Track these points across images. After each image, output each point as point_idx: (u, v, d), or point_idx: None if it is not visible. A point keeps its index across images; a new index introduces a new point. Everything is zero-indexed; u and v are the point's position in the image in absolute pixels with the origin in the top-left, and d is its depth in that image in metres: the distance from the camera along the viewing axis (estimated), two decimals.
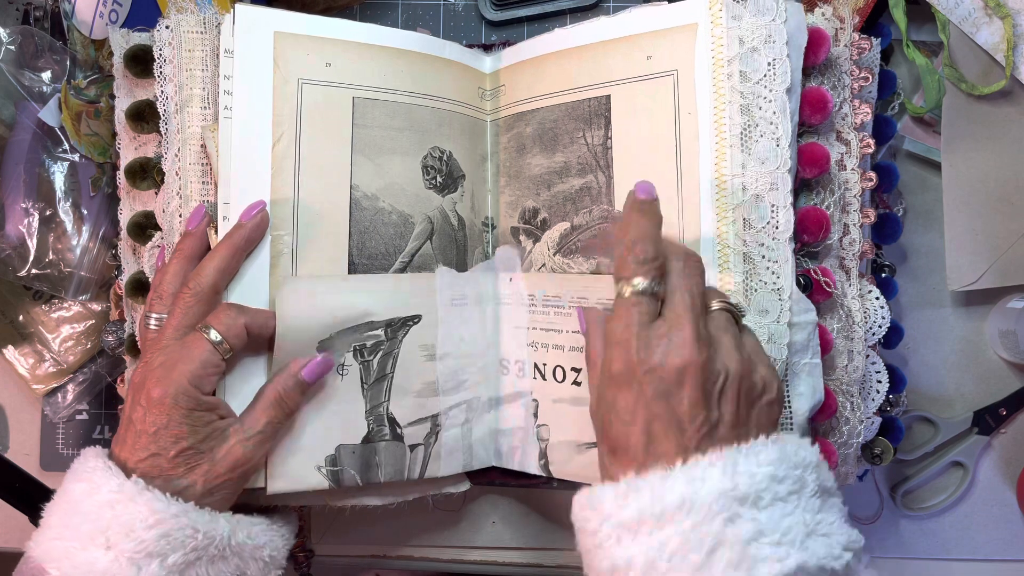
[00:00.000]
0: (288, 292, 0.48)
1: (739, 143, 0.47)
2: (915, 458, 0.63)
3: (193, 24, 0.50)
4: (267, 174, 0.49)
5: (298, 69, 0.50)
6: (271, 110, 0.49)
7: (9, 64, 0.58)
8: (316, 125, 0.50)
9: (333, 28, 0.51)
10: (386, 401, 0.51)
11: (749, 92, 0.47)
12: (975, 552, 0.62)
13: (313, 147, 0.50)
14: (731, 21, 0.47)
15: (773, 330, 0.47)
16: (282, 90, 0.49)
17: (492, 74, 0.57)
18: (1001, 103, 0.59)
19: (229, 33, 0.49)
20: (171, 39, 0.50)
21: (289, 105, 0.49)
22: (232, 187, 0.48)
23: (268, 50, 0.49)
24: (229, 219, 0.48)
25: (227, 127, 0.48)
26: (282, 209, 0.49)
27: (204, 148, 0.50)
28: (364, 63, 0.52)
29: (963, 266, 0.60)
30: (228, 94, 0.48)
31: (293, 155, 0.49)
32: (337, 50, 0.51)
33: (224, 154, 0.48)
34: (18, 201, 0.58)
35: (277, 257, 0.49)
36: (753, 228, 0.47)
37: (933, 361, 0.63)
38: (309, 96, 0.50)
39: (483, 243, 0.56)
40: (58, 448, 0.63)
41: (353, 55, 0.51)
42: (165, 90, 0.51)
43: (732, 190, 0.47)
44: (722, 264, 0.47)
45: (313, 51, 0.50)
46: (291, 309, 0.48)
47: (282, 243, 0.49)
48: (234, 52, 0.49)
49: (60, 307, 0.62)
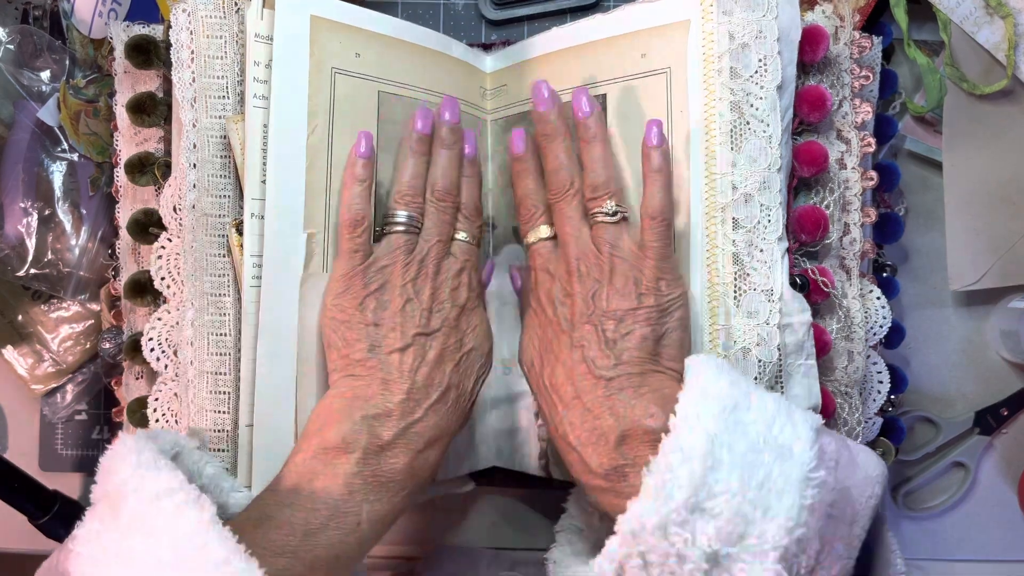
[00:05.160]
0: (310, 289, 0.47)
1: (729, 141, 0.46)
2: (916, 458, 0.62)
3: (212, 9, 0.48)
4: (302, 167, 0.47)
5: (331, 57, 0.48)
6: (307, 99, 0.47)
7: (8, 63, 0.58)
8: (346, 118, 0.48)
9: (362, 17, 0.49)
10: None
11: (740, 89, 0.46)
12: (976, 553, 0.62)
13: (343, 141, 0.48)
14: (722, 16, 0.46)
15: (763, 332, 0.46)
16: (316, 79, 0.47)
17: (492, 73, 0.56)
18: (1002, 103, 0.59)
19: (258, 17, 0.47)
20: (189, 24, 0.48)
21: (323, 95, 0.47)
22: (269, 180, 0.46)
23: (305, 35, 0.47)
24: (261, 215, 0.46)
25: (256, 117, 0.46)
26: (315, 205, 0.47)
27: (223, 140, 0.48)
28: (388, 56, 0.50)
29: (965, 266, 0.60)
30: (260, 82, 0.46)
31: (326, 148, 0.47)
32: (365, 40, 0.49)
33: (252, 146, 0.46)
34: (17, 201, 0.58)
35: (310, 257, 0.47)
36: (742, 228, 0.46)
37: (935, 361, 0.63)
38: (341, 87, 0.48)
39: (483, 243, 0.56)
40: (57, 448, 0.63)
41: (378, 47, 0.50)
42: (182, 76, 0.48)
43: (721, 189, 0.46)
44: (711, 264, 0.46)
45: (345, 40, 0.49)
46: (313, 309, 0.47)
47: (314, 241, 0.47)
48: (273, 36, 0.46)
49: (59, 307, 0.62)
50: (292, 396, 0.47)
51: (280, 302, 0.46)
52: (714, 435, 0.36)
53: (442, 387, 0.45)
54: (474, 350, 0.47)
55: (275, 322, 0.46)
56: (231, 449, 0.47)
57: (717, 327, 0.46)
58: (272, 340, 0.46)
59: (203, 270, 0.48)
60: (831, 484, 0.37)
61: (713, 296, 0.46)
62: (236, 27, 0.48)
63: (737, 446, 0.36)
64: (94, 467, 0.39)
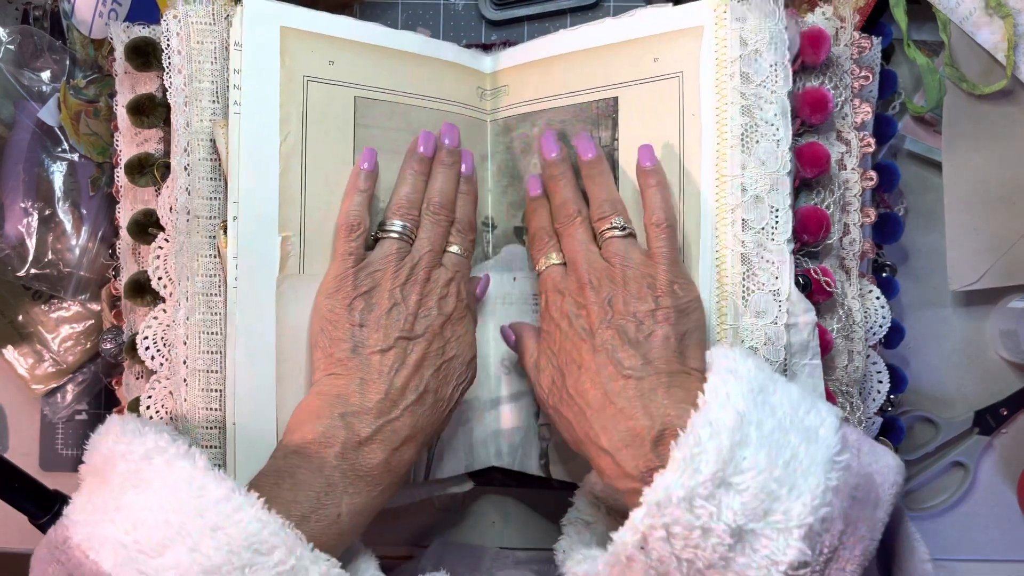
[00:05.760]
0: (288, 290, 0.48)
1: (739, 144, 0.47)
2: (916, 458, 0.62)
3: (202, 15, 0.49)
4: (275, 173, 0.48)
5: (303, 66, 0.49)
6: (278, 107, 0.48)
7: (8, 64, 0.58)
8: (320, 124, 0.49)
9: (335, 26, 0.50)
10: None
11: (751, 94, 0.47)
12: (976, 552, 0.62)
13: (318, 147, 0.49)
14: (735, 23, 0.47)
15: (770, 332, 0.46)
16: (288, 87, 0.49)
17: (493, 74, 0.56)
18: (1002, 103, 0.59)
19: (239, 25, 0.48)
20: (179, 29, 0.49)
21: (295, 103, 0.49)
22: (241, 185, 0.47)
23: (275, 45, 0.48)
24: (239, 219, 0.47)
25: (236, 123, 0.47)
26: (290, 210, 0.48)
27: (213, 143, 0.49)
28: (364, 63, 0.51)
29: (964, 266, 0.60)
30: (238, 89, 0.48)
31: (300, 154, 0.49)
32: (339, 48, 0.50)
33: (234, 151, 0.47)
34: (17, 201, 0.58)
35: (285, 259, 0.48)
36: (752, 229, 0.47)
37: (934, 361, 0.63)
38: (314, 94, 0.49)
39: (483, 243, 0.56)
40: (57, 448, 0.63)
41: (354, 54, 0.51)
42: (174, 81, 0.49)
43: (731, 190, 0.47)
44: (720, 265, 0.47)
45: (317, 48, 0.50)
46: (291, 309, 0.48)
47: (289, 244, 0.48)
48: (242, 46, 0.48)
49: (59, 307, 0.62)
50: (273, 395, 0.47)
51: (257, 303, 0.47)
52: (743, 412, 0.36)
53: (419, 390, 0.45)
54: (456, 358, 0.48)
55: (253, 323, 0.47)
56: (222, 446, 0.48)
57: (725, 326, 0.47)
58: (250, 340, 0.47)
59: (195, 270, 0.48)
60: (855, 468, 0.37)
61: (722, 296, 0.47)
62: (224, 34, 0.49)
63: (765, 425, 0.37)
64: None
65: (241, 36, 0.48)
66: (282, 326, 0.48)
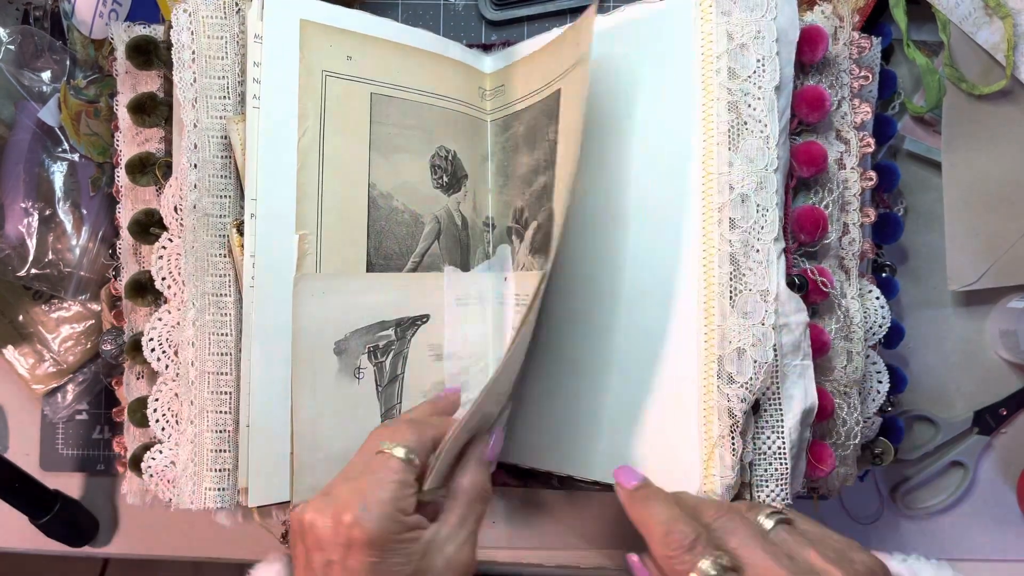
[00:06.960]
0: (303, 289, 0.47)
1: (726, 141, 0.46)
2: (915, 458, 0.62)
3: (212, 9, 0.48)
4: (293, 170, 0.47)
5: (321, 60, 0.48)
6: (296, 102, 0.48)
7: (9, 64, 0.58)
8: (337, 120, 0.49)
9: (354, 21, 0.50)
10: (399, 403, 0.51)
11: (737, 89, 0.46)
12: (975, 552, 0.62)
13: (335, 143, 0.49)
14: (720, 16, 0.47)
15: (758, 332, 0.45)
16: (307, 82, 0.48)
17: (492, 74, 0.57)
18: (1002, 103, 0.59)
19: (258, 17, 0.47)
20: (190, 24, 0.48)
21: (314, 98, 0.48)
22: (260, 182, 0.47)
23: (295, 39, 0.48)
24: (256, 216, 0.46)
25: (254, 117, 0.47)
26: (307, 207, 0.48)
27: (224, 140, 0.48)
28: (381, 59, 0.51)
29: (964, 266, 0.60)
30: (257, 82, 0.47)
31: (317, 151, 0.48)
32: (357, 43, 0.50)
33: (251, 146, 0.47)
34: (18, 201, 0.58)
35: (302, 258, 0.47)
36: (739, 228, 0.46)
37: (934, 361, 0.63)
38: (332, 89, 0.49)
39: (484, 243, 0.56)
40: (58, 448, 0.63)
41: (371, 50, 0.50)
42: (183, 77, 0.48)
43: (718, 188, 0.46)
44: (706, 265, 0.46)
45: (336, 43, 0.49)
46: (307, 308, 0.47)
47: (307, 243, 0.47)
48: (263, 38, 0.47)
49: (60, 307, 0.62)
50: (287, 397, 0.47)
51: (274, 303, 0.47)
52: None
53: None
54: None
55: (269, 323, 0.47)
56: (233, 449, 0.47)
57: (712, 328, 0.46)
58: (267, 341, 0.47)
59: (204, 270, 0.48)
60: None
61: (708, 296, 0.46)
62: (237, 28, 0.48)
63: None
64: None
65: (262, 29, 0.47)
66: (297, 327, 0.47)
